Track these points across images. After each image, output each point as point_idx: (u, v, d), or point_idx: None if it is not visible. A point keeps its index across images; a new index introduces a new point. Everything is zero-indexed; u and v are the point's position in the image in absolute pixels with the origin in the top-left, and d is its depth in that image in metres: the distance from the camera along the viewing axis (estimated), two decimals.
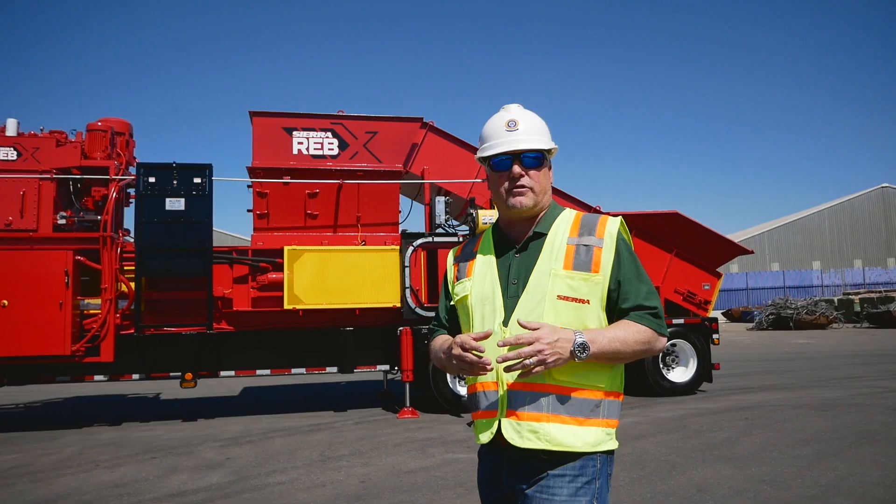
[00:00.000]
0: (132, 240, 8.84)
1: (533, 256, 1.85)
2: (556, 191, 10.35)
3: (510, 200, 1.87)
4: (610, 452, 1.81)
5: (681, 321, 10.11)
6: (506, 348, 1.71)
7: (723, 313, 33.55)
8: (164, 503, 5.10)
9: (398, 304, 8.92)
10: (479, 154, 1.95)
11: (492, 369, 1.75)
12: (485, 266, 1.92)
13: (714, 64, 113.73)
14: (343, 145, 9.18)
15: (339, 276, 8.76)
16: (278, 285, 8.66)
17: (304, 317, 8.78)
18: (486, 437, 1.81)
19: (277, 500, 5.13)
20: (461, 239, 9.43)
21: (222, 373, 8.83)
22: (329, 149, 9.13)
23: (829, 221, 44.25)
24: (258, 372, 8.97)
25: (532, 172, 1.87)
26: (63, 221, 8.35)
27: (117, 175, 8.61)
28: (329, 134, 9.14)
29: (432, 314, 9.05)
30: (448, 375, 8.99)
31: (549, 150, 1.91)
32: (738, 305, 36.63)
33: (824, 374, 12.40)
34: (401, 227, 9.48)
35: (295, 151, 9.03)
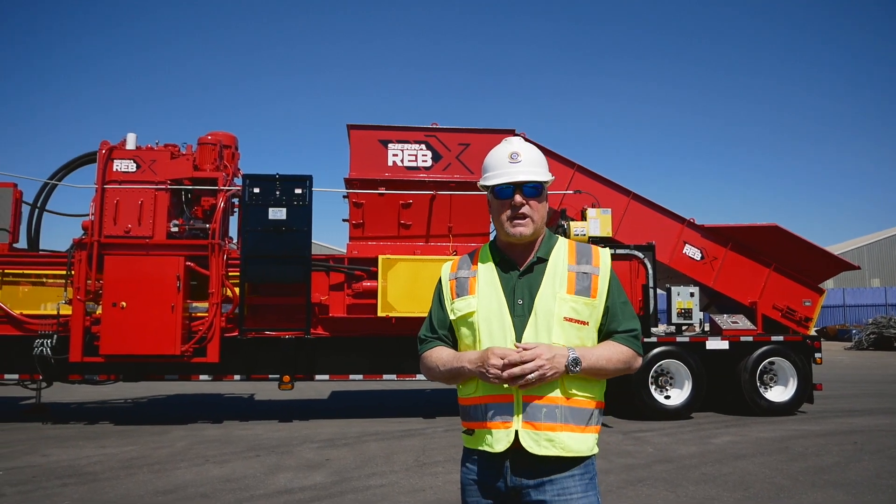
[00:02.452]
0: (237, 247, 9.30)
1: (537, 279, 2.01)
2: (647, 202, 10.20)
3: (511, 230, 2.03)
4: (594, 458, 2.04)
5: (780, 338, 9.71)
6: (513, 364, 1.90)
7: (817, 331, 31.80)
8: (273, 499, 5.34)
9: None
10: (482, 182, 2.13)
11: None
12: (489, 285, 2.05)
13: (808, 66, 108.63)
14: (436, 157, 9.37)
15: (431, 285, 8.82)
16: (372, 293, 8.90)
17: (396, 324, 8.98)
18: (500, 446, 1.93)
19: (381, 501, 5.28)
20: None
21: (317, 376, 9.14)
22: (423, 160, 9.34)
23: None
24: (351, 377, 9.23)
25: (532, 202, 2.03)
26: (175, 229, 8.90)
27: (225, 186, 9.09)
28: (423, 146, 9.35)
29: None
30: None
31: (546, 182, 2.07)
32: (833, 323, 34.69)
33: None
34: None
35: (390, 163, 9.28)
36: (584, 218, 9.35)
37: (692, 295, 9.88)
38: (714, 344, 9.55)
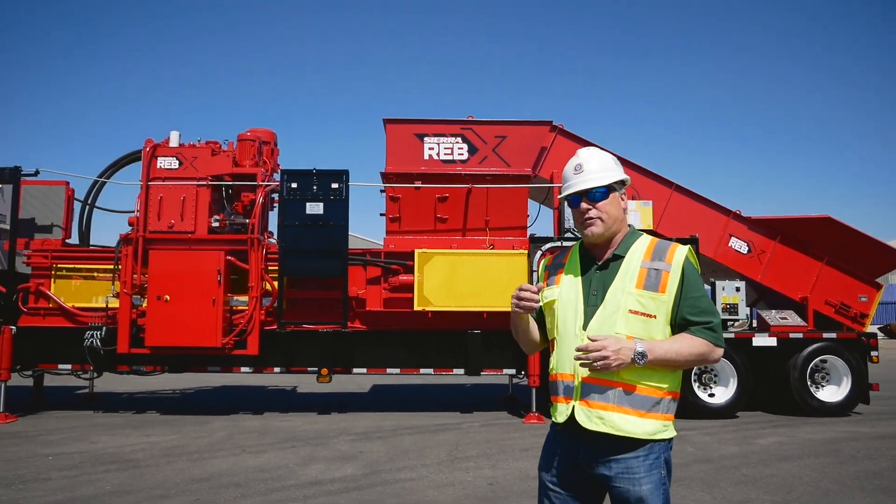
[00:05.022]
0: (275, 241, 9.44)
1: (611, 274, 2.22)
2: (691, 193, 9.91)
3: (584, 231, 2.28)
4: (669, 440, 2.18)
5: (832, 335, 9.30)
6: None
7: (880, 328, 30.50)
8: (303, 490, 5.39)
9: None
10: (559, 195, 2.46)
11: (538, 305, 2.29)
12: (571, 278, 2.31)
13: (858, 57, 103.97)
14: (472, 150, 9.30)
15: (468, 279, 8.87)
16: (409, 287, 8.90)
17: (433, 318, 8.96)
18: (561, 418, 2.21)
19: (408, 495, 5.27)
20: None
21: (355, 370, 9.20)
22: (459, 154, 9.28)
23: None
24: (388, 370, 9.27)
25: (599, 204, 2.24)
26: (216, 224, 9.08)
27: (264, 181, 9.23)
28: (459, 139, 9.29)
29: None
30: None
31: (618, 182, 2.28)
32: None
33: None
34: (529, 232, 9.44)
35: (426, 157, 9.26)
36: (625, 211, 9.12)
37: (738, 289, 9.55)
38: (761, 340, 9.22)
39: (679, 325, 2.17)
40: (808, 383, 9.13)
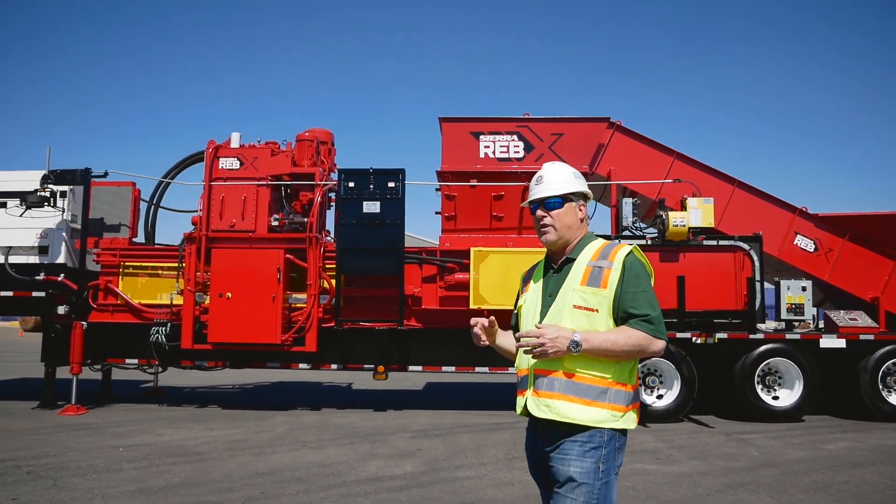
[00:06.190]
0: (333, 240, 9.57)
1: (564, 276, 2.40)
2: (754, 190, 9.62)
3: (540, 238, 2.50)
4: (618, 430, 2.28)
5: None
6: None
7: None
8: (364, 486, 5.45)
9: None
10: (522, 204, 2.80)
11: (485, 343, 2.59)
12: (534, 285, 2.54)
13: None
14: (528, 148, 9.24)
15: None
16: (464, 285, 8.91)
17: (488, 317, 8.92)
18: (518, 409, 2.43)
19: (468, 493, 5.27)
20: (649, 242, 9.09)
21: (410, 367, 9.26)
22: (515, 152, 9.24)
23: None
24: (443, 368, 9.29)
25: (553, 213, 2.45)
26: (276, 223, 9.27)
27: (321, 181, 9.38)
28: (515, 137, 9.25)
29: None
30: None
31: (575, 194, 2.47)
32: None
33: None
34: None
35: (482, 155, 9.24)
36: (683, 208, 8.94)
37: (804, 289, 9.23)
38: (829, 342, 8.88)
39: (620, 318, 2.29)
40: (880, 387, 8.76)
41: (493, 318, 2.59)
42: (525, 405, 2.38)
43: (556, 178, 2.50)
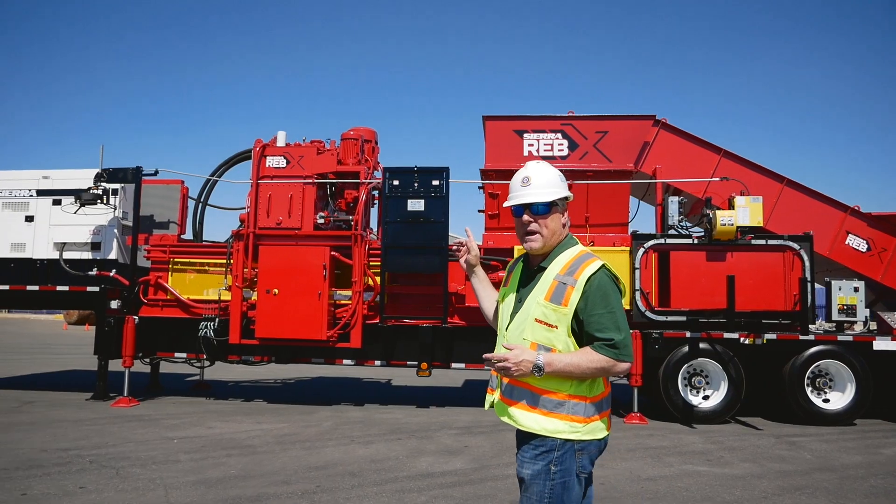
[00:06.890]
0: (377, 238, 9.65)
1: (534, 285, 2.40)
2: (804, 188, 9.44)
3: (525, 244, 2.46)
4: (576, 441, 2.30)
5: None
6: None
7: None
8: (416, 482, 5.50)
9: (627, 307, 8.72)
10: (504, 204, 2.59)
11: (463, 265, 2.79)
12: (513, 283, 2.56)
13: None
14: (573, 146, 9.20)
15: None
16: None
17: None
18: (486, 405, 2.51)
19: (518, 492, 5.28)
20: (695, 241, 8.98)
21: (453, 364, 9.29)
22: (559, 150, 9.20)
23: None
24: (486, 366, 9.28)
25: (541, 220, 2.40)
26: (321, 221, 9.38)
27: (366, 179, 9.46)
28: (559, 135, 9.22)
29: (663, 318, 8.76)
30: (680, 383, 8.62)
31: (561, 199, 2.42)
32: None
33: None
34: (630, 228, 9.25)
35: (525, 153, 9.23)
36: (731, 206, 8.80)
37: (856, 290, 9.01)
38: (882, 344, 8.66)
39: (586, 339, 2.30)
40: None
41: (477, 253, 2.73)
42: (493, 404, 2.48)
43: (544, 180, 2.43)
